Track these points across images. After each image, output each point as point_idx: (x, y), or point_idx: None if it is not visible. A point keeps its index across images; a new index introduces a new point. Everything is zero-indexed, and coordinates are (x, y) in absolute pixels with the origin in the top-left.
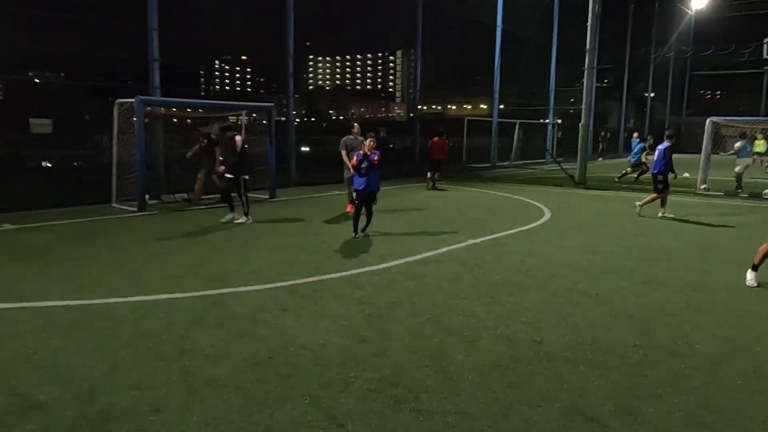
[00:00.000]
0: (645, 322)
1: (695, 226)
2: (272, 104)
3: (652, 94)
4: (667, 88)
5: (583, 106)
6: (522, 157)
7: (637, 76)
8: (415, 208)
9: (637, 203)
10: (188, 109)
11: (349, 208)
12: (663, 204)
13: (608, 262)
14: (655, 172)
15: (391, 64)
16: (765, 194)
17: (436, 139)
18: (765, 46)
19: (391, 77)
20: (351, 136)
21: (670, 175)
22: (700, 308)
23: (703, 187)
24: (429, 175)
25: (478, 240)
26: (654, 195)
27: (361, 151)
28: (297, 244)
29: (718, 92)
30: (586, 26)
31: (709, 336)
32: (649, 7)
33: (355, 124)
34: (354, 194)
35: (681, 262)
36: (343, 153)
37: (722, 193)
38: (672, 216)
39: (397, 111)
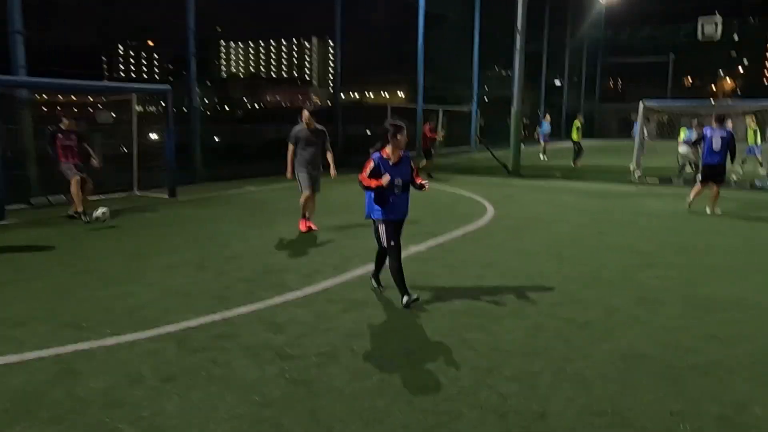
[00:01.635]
0: (671, 369)
1: (655, 220)
2: (168, 86)
3: (556, 81)
4: (581, 75)
5: (514, 91)
6: (447, 145)
7: (552, 63)
8: (345, 206)
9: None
10: (73, 96)
11: (303, 226)
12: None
13: (583, 272)
14: (715, 162)
15: (307, 51)
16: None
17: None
18: (699, 27)
19: (307, 64)
20: (300, 126)
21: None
22: (729, 339)
23: (637, 174)
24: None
25: (423, 247)
26: (715, 189)
27: (381, 153)
28: (197, 261)
29: (625, 79)
30: (503, 12)
31: None
32: None
33: (305, 111)
34: (382, 233)
35: (668, 269)
36: (290, 148)
37: (657, 180)
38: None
39: (315, 99)
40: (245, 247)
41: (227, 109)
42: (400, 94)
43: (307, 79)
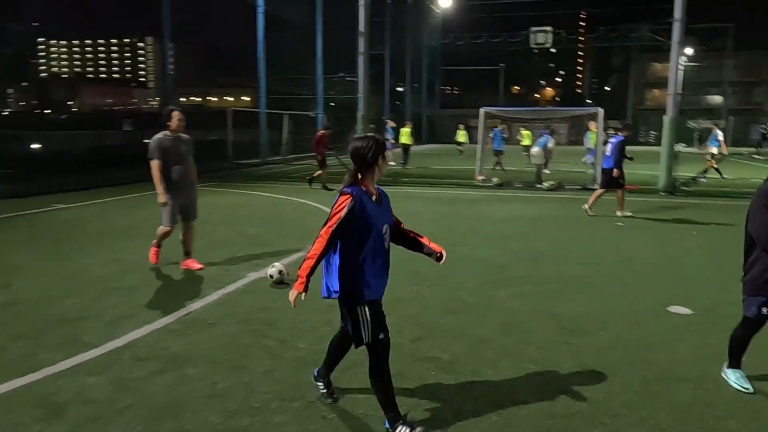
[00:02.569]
0: (552, 420)
1: (506, 227)
2: None
3: (399, 87)
4: (421, 82)
5: (359, 96)
6: (294, 150)
7: (395, 69)
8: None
9: (586, 206)
10: None
11: (152, 257)
12: (621, 203)
13: (441, 293)
14: (607, 167)
15: (141, 51)
16: (545, 185)
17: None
18: (531, 35)
19: (142, 65)
20: (167, 134)
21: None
22: (605, 371)
23: (480, 178)
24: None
25: (263, 273)
26: (621, 192)
27: (360, 186)
28: None
29: (462, 86)
30: (346, 16)
31: None
32: (403, 4)
33: (175, 114)
34: (366, 320)
35: (528, 284)
36: (155, 165)
37: (501, 183)
38: (630, 214)
39: (150, 102)
40: (33, 288)
41: (47, 112)
42: (246, 98)
43: (142, 80)
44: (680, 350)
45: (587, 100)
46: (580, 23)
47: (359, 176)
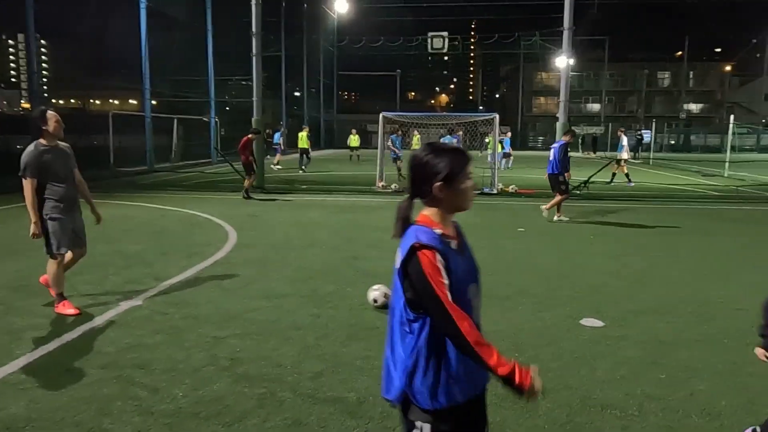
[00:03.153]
0: None
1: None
2: None
3: (296, 93)
4: (318, 86)
5: (254, 99)
6: (184, 157)
7: (291, 72)
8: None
9: (545, 209)
10: None
11: (66, 308)
12: (558, 207)
13: (342, 321)
14: (554, 172)
15: (12, 49)
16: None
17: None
18: (429, 40)
19: (13, 64)
20: (43, 145)
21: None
22: None
23: (381, 184)
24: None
25: (139, 300)
26: (559, 198)
27: (431, 228)
28: None
29: (357, 92)
30: (241, 12)
31: None
32: (299, 7)
33: (50, 115)
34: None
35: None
36: (29, 186)
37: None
38: (568, 219)
39: (5, 103)
40: None
41: None
42: (134, 101)
43: (14, 81)
44: (599, 370)
45: (480, 107)
46: (471, 32)
47: (435, 211)
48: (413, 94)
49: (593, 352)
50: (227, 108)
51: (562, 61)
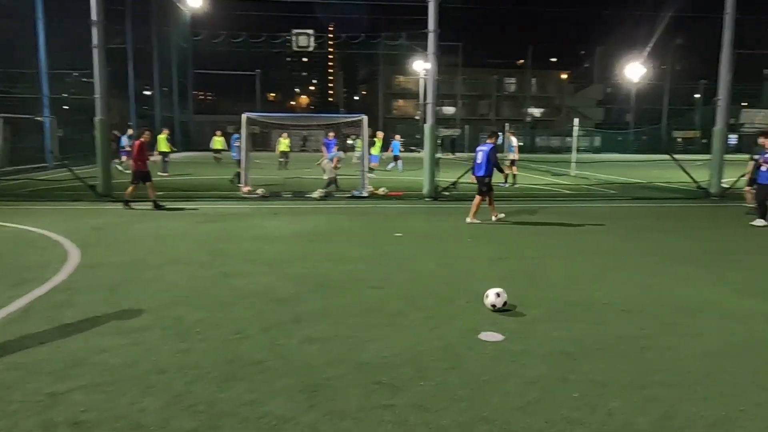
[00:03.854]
0: None
1: (281, 247)
2: None
3: (147, 91)
4: (172, 85)
5: (97, 97)
6: (12, 162)
7: (141, 71)
8: None
9: (468, 219)
10: None
11: None
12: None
13: (216, 353)
14: (480, 175)
15: None
16: (315, 194)
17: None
18: (293, 38)
19: None
20: None
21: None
22: None
23: (246, 189)
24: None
25: None
26: (479, 199)
27: None
28: None
29: (214, 92)
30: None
31: None
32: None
33: None
34: None
35: (326, 326)
36: None
37: (268, 194)
38: (497, 219)
39: None
40: None
41: None
42: None
43: None
44: (511, 394)
45: (341, 109)
46: (330, 33)
47: None
48: (273, 95)
49: (501, 372)
50: (65, 106)
51: (429, 64)
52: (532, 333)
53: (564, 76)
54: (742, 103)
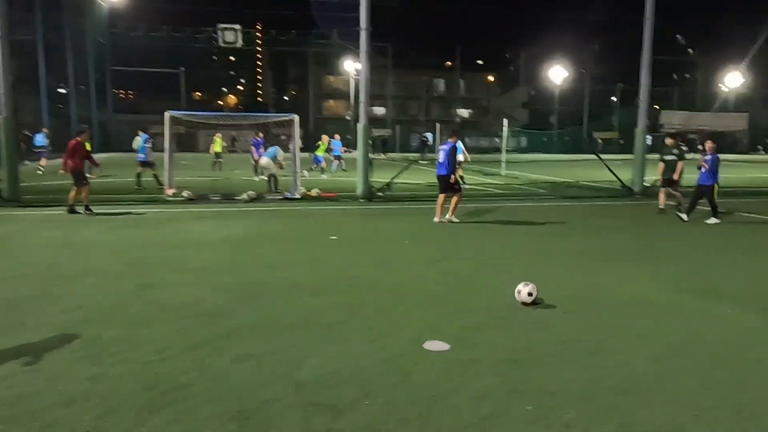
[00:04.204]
0: None
1: (207, 253)
2: None
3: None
4: (89, 83)
5: (0, 93)
6: None
7: (53, 66)
8: None
9: (446, 217)
10: None
11: None
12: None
13: (136, 378)
14: (446, 174)
15: None
16: (244, 196)
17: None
18: (219, 32)
19: None
20: None
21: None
22: None
23: (171, 192)
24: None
25: None
26: (442, 198)
27: None
28: None
29: (135, 90)
30: None
31: None
32: None
33: None
34: None
35: (257, 342)
36: None
37: (194, 197)
38: (458, 220)
39: None
40: None
41: None
42: None
43: None
44: (463, 409)
45: (271, 109)
46: (258, 32)
47: None
48: (199, 94)
49: (450, 386)
50: None
51: (360, 63)
52: (478, 340)
53: (491, 78)
54: (655, 105)
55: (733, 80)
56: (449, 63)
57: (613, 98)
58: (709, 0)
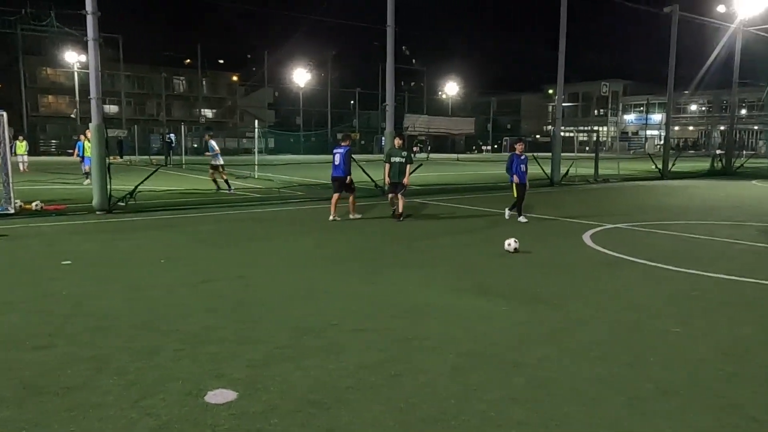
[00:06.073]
0: None
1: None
2: None
3: None
4: None
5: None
6: None
7: None
8: None
9: (351, 216)
10: None
11: None
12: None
13: None
14: (339, 175)
15: None
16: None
17: None
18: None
19: None
20: None
21: None
22: None
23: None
24: None
25: None
26: (336, 197)
27: None
28: None
29: None
30: None
31: None
32: None
33: None
34: None
35: (118, 378)
36: None
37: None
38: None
39: None
40: None
41: None
42: None
43: None
44: None
45: None
46: None
47: None
48: None
49: None
50: None
51: (88, 52)
52: (268, 381)
53: (235, 78)
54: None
55: (451, 89)
56: (188, 60)
57: (352, 101)
58: (427, 16)
